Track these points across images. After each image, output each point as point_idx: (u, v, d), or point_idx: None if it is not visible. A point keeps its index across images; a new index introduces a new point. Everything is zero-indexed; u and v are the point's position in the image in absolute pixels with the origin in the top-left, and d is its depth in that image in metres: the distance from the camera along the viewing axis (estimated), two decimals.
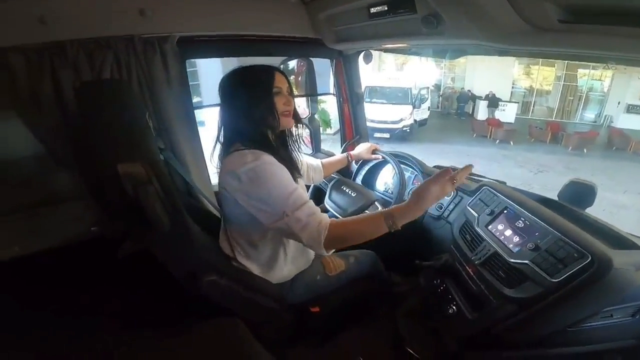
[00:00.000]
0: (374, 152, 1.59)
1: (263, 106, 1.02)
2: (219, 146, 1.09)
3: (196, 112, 1.49)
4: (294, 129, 1.15)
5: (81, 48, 1.14)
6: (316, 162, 1.48)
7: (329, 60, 1.89)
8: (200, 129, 1.50)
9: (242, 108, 1.02)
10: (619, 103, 13.00)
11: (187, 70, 1.43)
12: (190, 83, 1.46)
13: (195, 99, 1.57)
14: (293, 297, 1.17)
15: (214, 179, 1.46)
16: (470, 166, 0.97)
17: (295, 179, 1.04)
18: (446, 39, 1.06)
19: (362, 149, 1.60)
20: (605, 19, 0.77)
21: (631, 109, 12.80)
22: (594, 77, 13.63)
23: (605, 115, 13.41)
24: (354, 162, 1.70)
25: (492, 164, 8.45)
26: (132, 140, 0.86)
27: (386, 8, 1.13)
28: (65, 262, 1.26)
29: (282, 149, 1.10)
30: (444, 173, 0.93)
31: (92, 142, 0.89)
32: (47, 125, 1.17)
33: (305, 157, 1.41)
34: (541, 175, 7.94)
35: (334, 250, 0.97)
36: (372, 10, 1.18)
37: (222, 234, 1.16)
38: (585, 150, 9.97)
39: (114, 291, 1.29)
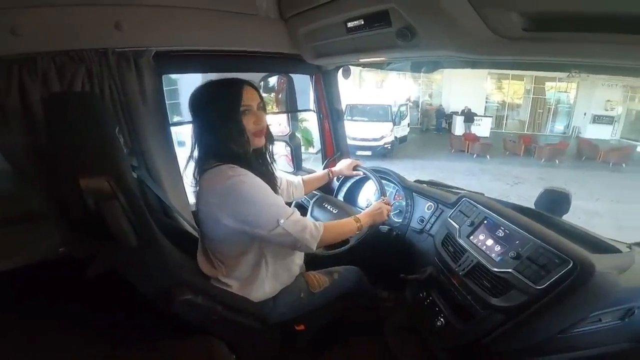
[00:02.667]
0: (355, 168, 1.59)
1: (230, 124, 0.99)
2: (192, 163, 1.06)
3: (176, 131, 1.46)
4: (269, 147, 1.14)
5: (52, 61, 1.10)
6: (297, 179, 1.46)
7: (309, 76, 1.91)
8: (180, 149, 1.46)
9: (210, 125, 1.00)
10: (585, 114, 13.86)
11: (167, 88, 1.40)
12: (170, 101, 1.43)
13: (175, 118, 1.54)
14: (276, 316, 1.13)
15: (192, 198, 1.41)
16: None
17: (276, 192, 1.05)
18: (420, 51, 1.09)
19: (343, 165, 1.60)
20: (566, 27, 0.81)
21: (597, 119, 13.69)
22: (560, 90, 14.48)
23: (574, 127, 14.22)
24: (335, 178, 1.69)
25: (471, 178, 8.69)
26: (98, 154, 0.82)
27: (362, 22, 1.16)
28: (33, 283, 1.18)
29: (258, 165, 1.08)
30: (383, 205, 1.29)
31: (57, 157, 0.84)
32: (14, 139, 1.10)
33: (284, 174, 1.41)
34: (517, 187, 8.22)
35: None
36: (349, 24, 1.20)
37: (200, 253, 1.12)
38: (557, 161, 10.44)
39: (83, 312, 1.21)
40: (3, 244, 1.19)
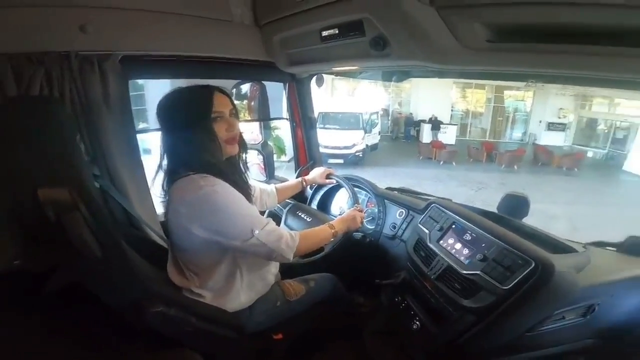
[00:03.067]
0: (328, 176, 1.60)
1: (201, 132, 0.97)
2: (161, 173, 1.02)
3: (142, 139, 1.39)
4: (242, 155, 1.12)
5: (9, 63, 1.02)
6: (270, 187, 1.45)
7: (282, 84, 1.91)
8: (145, 157, 1.40)
9: (181, 134, 0.97)
10: (540, 122, 14.96)
11: (133, 93, 1.34)
12: (136, 107, 1.37)
13: (141, 125, 1.47)
14: (253, 325, 1.10)
15: (160, 208, 1.36)
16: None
17: (250, 201, 1.03)
18: (392, 60, 1.11)
19: (316, 173, 1.60)
20: (526, 38, 0.86)
21: (551, 126, 14.85)
22: (518, 98, 15.53)
23: (530, 134, 15.27)
24: (308, 186, 1.69)
25: (438, 185, 9.00)
26: (57, 163, 0.76)
27: (337, 31, 1.17)
28: None
29: (232, 174, 1.04)
30: (356, 212, 1.32)
31: (11, 165, 0.78)
32: None
33: (257, 183, 1.40)
34: (481, 192, 8.61)
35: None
36: (324, 33, 1.21)
37: (170, 264, 1.07)
38: (516, 167, 11.07)
39: (43, 328, 1.12)
40: None
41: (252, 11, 1.42)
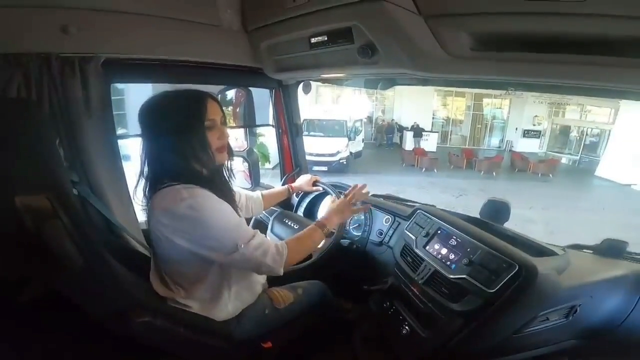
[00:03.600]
0: (314, 183, 1.60)
1: (194, 141, 0.93)
2: (142, 181, 0.98)
3: (121, 144, 1.35)
4: (228, 163, 1.09)
5: None
6: (255, 194, 1.43)
7: (269, 91, 1.90)
8: (125, 163, 1.36)
9: (169, 142, 0.92)
10: (516, 129, 15.57)
11: (113, 97, 1.30)
12: (116, 112, 1.33)
13: (120, 131, 1.43)
14: (241, 334, 1.07)
15: (141, 216, 1.31)
16: (362, 186, 1.35)
17: (237, 214, 0.99)
18: (379, 68, 1.13)
19: (302, 180, 1.60)
20: (508, 47, 0.90)
21: (526, 133, 15.48)
22: (496, 106, 16.08)
23: (507, 141, 15.84)
24: (294, 194, 1.68)
25: (421, 191, 9.16)
26: (35, 169, 0.73)
27: (326, 38, 1.18)
28: None
29: (218, 183, 1.02)
30: (343, 200, 1.27)
31: None
32: None
33: (243, 190, 1.38)
34: (462, 198, 8.82)
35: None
36: (313, 40, 1.22)
37: (153, 274, 1.03)
38: (494, 174, 11.43)
39: (19, 339, 1.05)
40: None
41: (240, 17, 1.41)
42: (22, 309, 1.00)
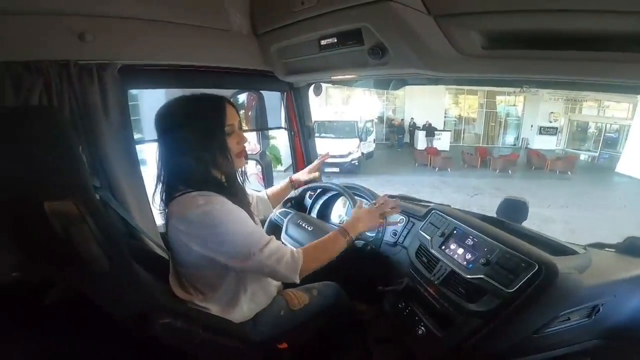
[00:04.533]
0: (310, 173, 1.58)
1: (214, 147, 0.92)
2: (160, 186, 0.98)
3: (138, 149, 1.38)
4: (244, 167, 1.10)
5: (7, 72, 1.01)
6: (261, 194, 1.44)
7: (280, 93, 1.92)
8: (142, 168, 1.39)
9: (187, 148, 0.91)
10: (532, 126, 15.15)
11: (129, 103, 1.33)
12: (132, 118, 1.36)
13: (136, 136, 1.46)
14: (257, 335, 1.08)
15: (160, 219, 1.34)
16: (396, 202, 1.25)
17: (252, 219, 0.99)
18: (390, 68, 1.13)
19: (301, 172, 1.58)
20: (520, 45, 0.89)
21: (543, 130, 15.05)
22: (509, 103, 15.74)
23: (523, 138, 15.47)
24: (307, 196, 1.68)
25: (434, 191, 9.05)
26: (61, 175, 0.76)
27: (336, 40, 1.19)
28: None
29: (234, 189, 1.01)
30: (372, 210, 1.18)
31: (12, 178, 0.77)
32: None
33: (253, 191, 1.38)
34: (476, 197, 8.68)
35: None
36: (323, 42, 1.23)
37: (172, 277, 1.05)
38: (510, 172, 11.16)
39: (43, 340, 1.09)
40: None
41: (250, 20, 1.43)
42: (50, 311, 1.04)
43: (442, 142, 14.27)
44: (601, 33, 0.79)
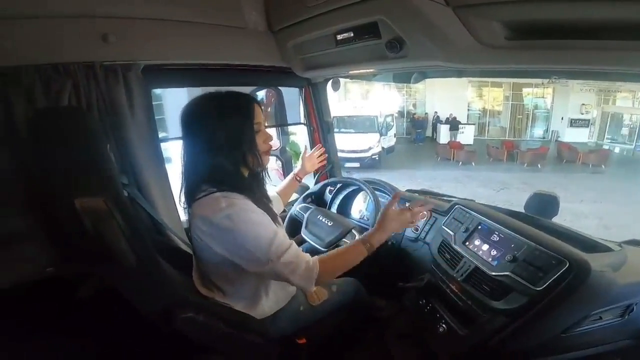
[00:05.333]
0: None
1: (244, 145, 0.92)
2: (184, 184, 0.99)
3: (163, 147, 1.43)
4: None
5: (37, 74, 1.06)
6: (272, 192, 1.43)
7: (298, 89, 1.92)
8: (166, 166, 1.42)
9: (217, 146, 0.90)
10: (562, 118, 14.39)
11: (153, 103, 1.37)
12: (156, 117, 1.40)
13: (161, 134, 1.50)
14: (277, 330, 1.09)
15: (184, 214, 1.38)
16: (428, 205, 1.11)
17: (276, 221, 0.99)
18: (409, 61, 1.10)
19: (305, 163, 1.53)
20: (546, 35, 0.85)
21: (574, 122, 14.27)
22: (537, 95, 15.02)
23: (552, 131, 14.74)
24: (327, 191, 1.69)
25: (458, 185, 8.84)
26: (90, 173, 0.79)
27: (352, 34, 1.17)
28: (18, 306, 1.11)
29: (258, 190, 1.01)
30: (405, 214, 1.04)
31: (46, 176, 0.81)
32: None
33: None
34: (503, 192, 8.39)
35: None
36: (339, 37, 1.22)
37: (195, 273, 1.08)
38: (539, 166, 10.74)
39: (74, 333, 1.15)
40: None
41: (266, 17, 1.44)
42: (82, 305, 1.09)
43: (466, 135, 13.84)
44: (631, 21, 0.75)
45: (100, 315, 1.12)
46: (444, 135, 13.88)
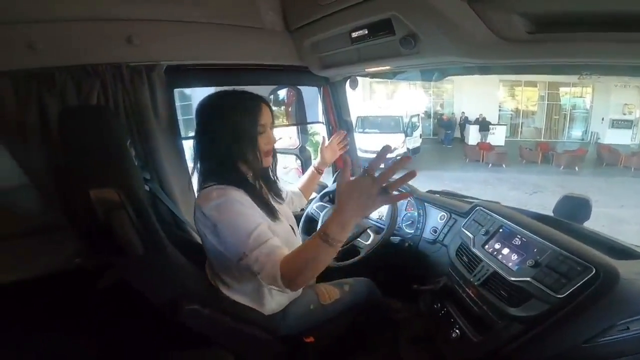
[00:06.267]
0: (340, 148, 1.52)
1: (245, 142, 0.96)
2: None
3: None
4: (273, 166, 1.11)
5: (69, 75, 1.13)
6: (294, 187, 1.45)
7: (317, 88, 1.92)
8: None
9: (220, 139, 0.95)
10: (602, 119, 13.38)
11: (182, 103, 1.43)
12: (185, 117, 1.45)
13: (191, 134, 1.56)
14: (286, 328, 1.10)
15: None
16: (411, 173, 0.74)
17: (274, 217, 1.00)
18: (424, 58, 1.08)
19: (325, 154, 1.47)
20: (570, 27, 0.80)
21: (615, 124, 13.16)
22: (575, 95, 14.07)
23: (592, 132, 13.73)
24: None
25: (487, 188, 8.54)
26: (108, 166, 0.83)
27: (366, 32, 1.16)
28: (46, 293, 1.19)
29: (257, 187, 1.02)
30: (366, 180, 0.73)
31: (70, 169, 0.87)
32: (32, 154, 1.14)
33: (286, 186, 1.38)
34: (536, 195, 7.99)
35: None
36: (354, 34, 1.21)
37: (207, 266, 1.12)
38: (577, 168, 10.13)
39: (92, 321, 1.22)
40: (21, 254, 1.21)
41: (282, 17, 1.45)
42: (102, 293, 1.15)
43: (497, 136, 13.26)
44: None
45: (115, 306, 1.17)
46: (472, 136, 13.36)
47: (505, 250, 1.08)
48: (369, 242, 1.44)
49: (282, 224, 1.04)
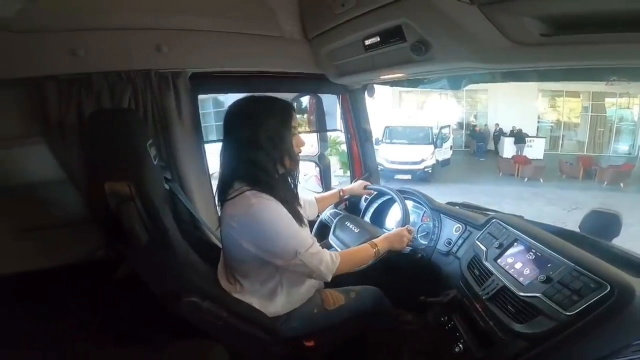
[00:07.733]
0: (365, 187, 1.60)
1: (283, 146, 0.99)
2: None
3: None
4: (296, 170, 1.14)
5: (105, 80, 1.24)
6: (310, 197, 1.48)
7: (336, 96, 1.95)
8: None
9: (258, 145, 0.96)
10: None
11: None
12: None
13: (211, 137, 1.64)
14: (287, 330, 1.11)
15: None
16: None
17: (301, 222, 1.06)
18: (436, 64, 1.08)
19: (355, 185, 1.62)
20: (585, 28, 0.77)
21: None
22: (622, 106, 13.04)
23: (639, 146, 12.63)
24: (363, 199, 1.73)
25: (521, 203, 8.07)
26: (126, 164, 0.90)
27: (379, 39, 1.18)
28: (72, 281, 1.29)
29: (284, 191, 1.05)
30: (401, 230, 1.26)
31: (95, 166, 0.95)
32: (69, 151, 1.25)
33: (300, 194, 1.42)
34: (575, 212, 7.42)
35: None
36: (367, 42, 1.23)
37: (220, 266, 1.16)
38: (622, 185, 9.35)
39: (106, 311, 1.30)
40: (49, 244, 1.32)
41: (301, 26, 1.50)
42: (113, 286, 1.22)
43: (535, 149, 12.51)
44: None
45: (126, 296, 1.24)
46: (507, 149, 12.72)
47: (518, 265, 1.03)
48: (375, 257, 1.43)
49: (306, 229, 1.10)
